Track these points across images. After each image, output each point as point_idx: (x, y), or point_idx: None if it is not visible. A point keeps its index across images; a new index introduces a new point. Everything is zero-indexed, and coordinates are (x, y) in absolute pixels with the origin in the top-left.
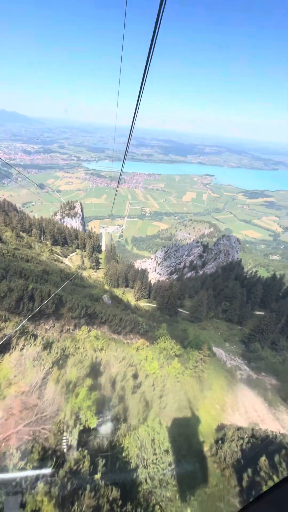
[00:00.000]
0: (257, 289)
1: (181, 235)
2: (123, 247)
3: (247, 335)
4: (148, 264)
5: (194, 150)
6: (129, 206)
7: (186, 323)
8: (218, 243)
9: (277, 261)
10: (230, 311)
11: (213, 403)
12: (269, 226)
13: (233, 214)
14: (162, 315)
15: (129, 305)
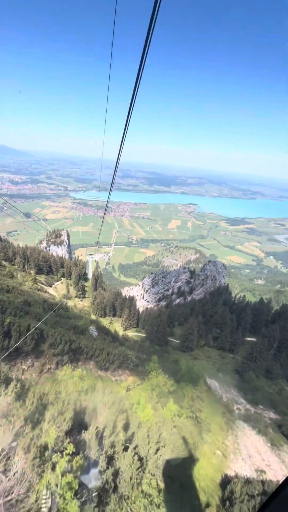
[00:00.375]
0: (246, 315)
1: (168, 262)
2: (110, 274)
3: (240, 364)
4: (135, 291)
5: (177, 181)
6: (116, 233)
7: (177, 353)
8: (204, 268)
9: (262, 285)
10: (221, 338)
11: (213, 448)
12: (251, 251)
13: (217, 240)
14: (151, 345)
15: (117, 336)
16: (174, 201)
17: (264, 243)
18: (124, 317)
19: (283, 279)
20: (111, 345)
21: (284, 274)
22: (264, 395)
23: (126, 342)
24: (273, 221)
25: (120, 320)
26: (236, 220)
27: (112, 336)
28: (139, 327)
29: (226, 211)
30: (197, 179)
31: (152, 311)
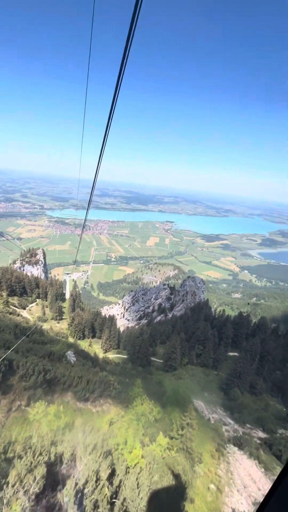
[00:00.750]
0: (227, 329)
1: (147, 279)
2: (89, 293)
3: (225, 381)
4: (115, 310)
5: (154, 199)
6: (94, 251)
7: (161, 373)
8: (184, 284)
9: (239, 299)
10: (204, 355)
11: (206, 482)
12: (227, 266)
13: (194, 256)
14: (134, 367)
15: (97, 359)
16: (152, 219)
17: (239, 258)
18: (104, 338)
19: (258, 292)
20: (91, 371)
21: (258, 287)
22: (250, 412)
23: (107, 365)
24: (245, 237)
25: (100, 342)
26: (211, 236)
27: (92, 361)
28: (120, 348)
29: (201, 228)
30: (173, 198)
31: (133, 331)
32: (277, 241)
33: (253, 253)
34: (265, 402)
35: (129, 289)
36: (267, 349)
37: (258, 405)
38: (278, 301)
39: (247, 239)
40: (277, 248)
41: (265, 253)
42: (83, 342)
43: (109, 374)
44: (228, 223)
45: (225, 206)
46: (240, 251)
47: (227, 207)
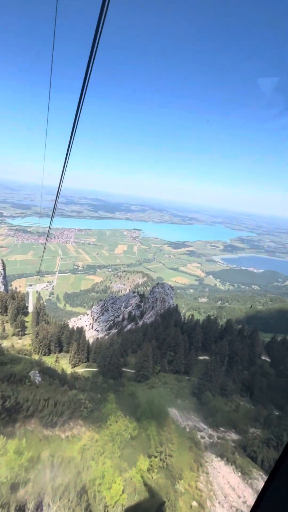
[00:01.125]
0: (197, 333)
1: (116, 287)
2: (55, 305)
3: (197, 385)
4: (84, 321)
5: (121, 208)
6: (60, 261)
7: (133, 384)
8: (153, 291)
9: (205, 303)
10: (175, 361)
11: (189, 500)
12: (193, 272)
13: (162, 263)
14: (105, 380)
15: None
16: (120, 227)
17: (204, 264)
18: (73, 352)
19: (222, 296)
20: (59, 390)
21: (222, 291)
22: (223, 415)
23: (76, 382)
24: (209, 244)
25: (68, 356)
26: (178, 243)
27: (59, 378)
28: (89, 361)
29: (168, 236)
30: (140, 206)
31: (103, 342)
32: (237, 247)
33: (216, 258)
34: (235, 403)
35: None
36: (234, 350)
37: (229, 407)
38: (240, 303)
39: (210, 245)
40: (237, 253)
41: (227, 258)
42: (49, 358)
43: (79, 392)
44: (192, 231)
45: (190, 214)
46: (205, 257)
47: (192, 215)
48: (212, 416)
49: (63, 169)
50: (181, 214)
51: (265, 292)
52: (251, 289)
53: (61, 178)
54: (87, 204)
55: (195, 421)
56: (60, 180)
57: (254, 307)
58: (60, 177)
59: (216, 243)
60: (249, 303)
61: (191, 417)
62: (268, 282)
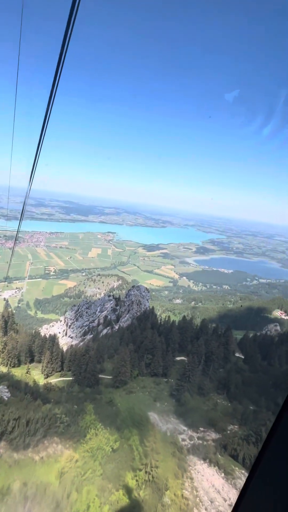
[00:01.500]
0: (173, 335)
1: (91, 291)
2: (24, 312)
3: (175, 387)
4: (56, 328)
5: (95, 210)
6: (30, 266)
7: (111, 390)
8: (129, 294)
9: (180, 304)
10: (153, 363)
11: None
12: (167, 274)
13: (137, 266)
14: (81, 389)
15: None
16: (93, 230)
17: (177, 266)
18: (45, 362)
19: (196, 296)
20: (31, 406)
21: (196, 292)
22: (201, 415)
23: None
24: (182, 246)
25: (40, 366)
26: (152, 246)
27: (31, 392)
28: (64, 370)
29: (142, 238)
30: (114, 209)
31: (78, 349)
32: (208, 249)
33: (189, 260)
34: (212, 401)
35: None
36: (210, 349)
37: (208, 406)
38: (213, 303)
39: (184, 247)
40: (209, 255)
41: (200, 260)
42: (19, 369)
43: (54, 406)
44: (166, 233)
45: (163, 217)
46: (178, 259)
47: (165, 218)
48: (191, 417)
49: (32, 170)
50: (155, 217)
51: (235, 291)
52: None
53: (30, 179)
54: (59, 206)
55: (175, 423)
56: (30, 181)
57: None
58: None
59: (189, 245)
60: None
61: (170, 419)
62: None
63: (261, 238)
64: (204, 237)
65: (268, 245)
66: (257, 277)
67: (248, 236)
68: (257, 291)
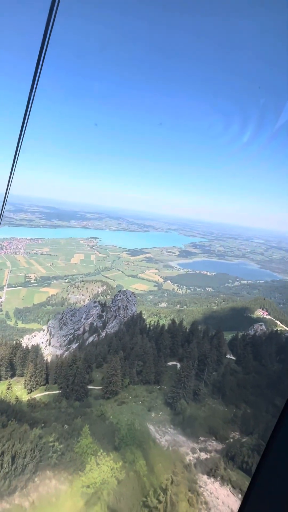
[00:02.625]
0: (164, 339)
1: (74, 298)
2: (4, 323)
3: (170, 394)
4: (39, 338)
5: (77, 216)
6: (9, 274)
7: (101, 402)
8: (115, 299)
9: (165, 308)
10: (145, 370)
11: None
12: (152, 278)
13: (121, 271)
14: (69, 403)
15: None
16: (75, 235)
17: (161, 269)
18: (28, 375)
19: (180, 300)
20: (16, 434)
21: (180, 295)
22: (200, 422)
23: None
24: (165, 250)
25: (23, 380)
26: (136, 250)
27: (14, 413)
28: (49, 383)
29: (125, 243)
30: (96, 214)
31: (64, 359)
32: (191, 252)
33: (173, 264)
34: (208, 406)
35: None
36: (203, 352)
37: (205, 412)
38: (197, 305)
39: (167, 251)
40: (191, 258)
41: (183, 263)
42: (0, 385)
43: (43, 430)
44: (149, 238)
45: (146, 222)
46: (162, 263)
47: (148, 222)
48: (190, 426)
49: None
50: (138, 222)
51: (218, 293)
52: (206, 291)
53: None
54: (39, 212)
55: (173, 434)
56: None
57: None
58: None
59: (172, 249)
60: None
61: (167, 430)
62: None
63: (240, 240)
64: (186, 241)
65: (248, 247)
66: (238, 279)
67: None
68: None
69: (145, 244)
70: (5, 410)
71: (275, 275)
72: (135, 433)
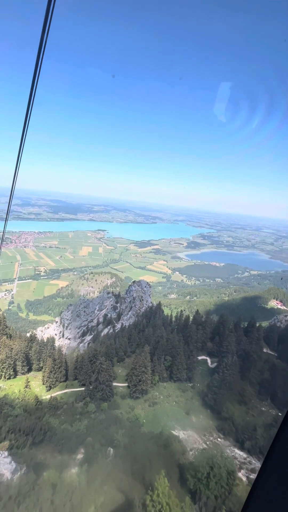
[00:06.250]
0: (192, 332)
1: (84, 290)
2: (16, 315)
3: (208, 394)
4: (52, 330)
5: (83, 208)
6: (19, 267)
7: (130, 402)
8: (130, 289)
9: (175, 299)
10: (175, 366)
11: None
12: (160, 269)
13: (129, 263)
14: (97, 404)
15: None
16: (83, 228)
17: (169, 261)
18: (47, 371)
19: (190, 291)
20: (46, 485)
21: (189, 286)
22: (256, 434)
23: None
24: (173, 241)
25: (41, 376)
26: (143, 242)
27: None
28: (69, 380)
29: (133, 235)
30: (103, 206)
31: (85, 353)
32: (199, 243)
33: (181, 255)
34: (257, 410)
35: (64, 304)
36: (242, 346)
37: (251, 416)
38: (208, 296)
39: (175, 243)
40: (200, 249)
41: (191, 255)
42: (16, 381)
43: (83, 466)
44: (157, 229)
45: (153, 213)
46: (170, 255)
47: (154, 214)
48: (249, 438)
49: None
50: (145, 214)
51: (228, 284)
52: (215, 282)
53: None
54: (46, 205)
55: (224, 446)
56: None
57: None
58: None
59: (180, 240)
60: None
61: (216, 439)
62: (230, 275)
63: (249, 230)
64: (194, 232)
65: (257, 237)
66: (248, 269)
67: (237, 230)
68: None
69: (152, 235)
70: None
71: (286, 265)
72: (220, 473)
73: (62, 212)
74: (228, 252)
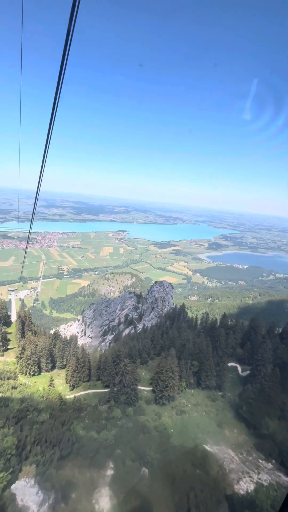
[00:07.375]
0: (220, 336)
1: (105, 290)
2: (40, 312)
3: (244, 406)
4: (74, 328)
5: (105, 209)
6: (44, 266)
7: (156, 409)
8: (152, 290)
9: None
10: (203, 373)
11: None
12: (180, 271)
13: (149, 263)
14: (119, 405)
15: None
16: (104, 229)
17: (190, 262)
18: (71, 370)
19: (212, 293)
20: None
21: (211, 288)
22: None
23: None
24: (194, 242)
25: (64, 374)
26: (163, 243)
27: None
28: (92, 380)
29: (153, 236)
30: (124, 207)
31: (108, 354)
32: (221, 244)
33: (202, 256)
34: None
35: (86, 303)
36: (278, 354)
37: None
38: (230, 299)
39: (195, 244)
40: (222, 251)
41: (212, 256)
42: (40, 378)
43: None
44: (177, 230)
45: (173, 214)
46: (190, 256)
47: (175, 215)
48: None
49: (41, 171)
50: (165, 215)
51: (252, 287)
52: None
53: (39, 181)
54: (70, 207)
55: (268, 471)
56: (38, 183)
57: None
58: (38, 179)
59: (201, 241)
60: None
61: (257, 460)
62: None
63: (275, 232)
64: (216, 233)
65: (283, 238)
66: (273, 272)
67: (261, 231)
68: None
69: (173, 236)
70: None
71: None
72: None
73: (85, 213)
74: (251, 254)
